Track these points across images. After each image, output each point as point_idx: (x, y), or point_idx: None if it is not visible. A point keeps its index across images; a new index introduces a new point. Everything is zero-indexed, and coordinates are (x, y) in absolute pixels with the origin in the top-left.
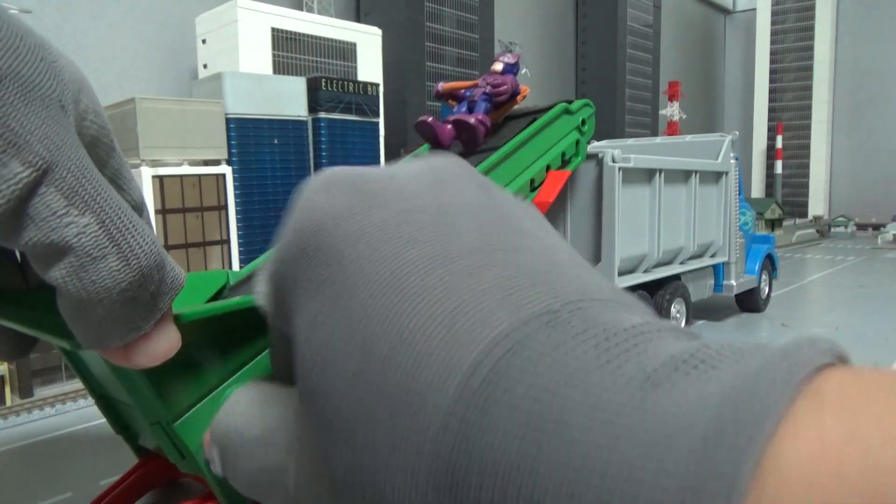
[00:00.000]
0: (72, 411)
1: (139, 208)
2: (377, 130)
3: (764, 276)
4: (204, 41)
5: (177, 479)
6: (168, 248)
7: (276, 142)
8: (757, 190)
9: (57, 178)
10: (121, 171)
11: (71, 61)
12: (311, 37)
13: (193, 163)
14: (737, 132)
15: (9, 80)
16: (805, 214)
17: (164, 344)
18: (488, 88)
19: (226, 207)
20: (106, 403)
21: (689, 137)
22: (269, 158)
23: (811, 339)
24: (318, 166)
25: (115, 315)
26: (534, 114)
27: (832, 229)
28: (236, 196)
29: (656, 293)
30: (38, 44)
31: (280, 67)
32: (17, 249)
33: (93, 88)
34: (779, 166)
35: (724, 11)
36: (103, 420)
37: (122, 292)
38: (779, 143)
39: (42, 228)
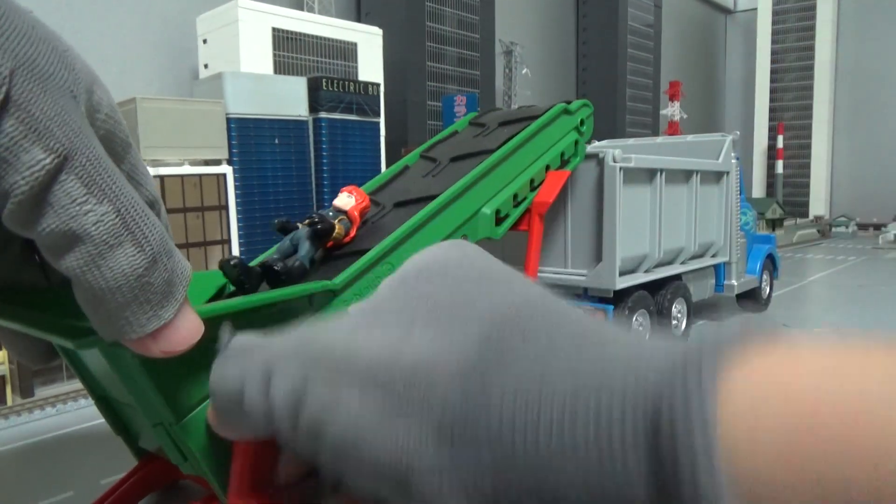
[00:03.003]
0: (72, 411)
1: (155, 204)
2: (378, 130)
3: (765, 276)
4: (205, 41)
5: (178, 481)
6: None
7: (276, 142)
8: (758, 190)
9: (76, 165)
10: (137, 167)
11: (79, 55)
12: (312, 37)
13: (194, 162)
14: (738, 132)
15: (26, 68)
16: (806, 214)
17: (188, 329)
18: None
19: (226, 207)
20: (105, 404)
21: (690, 137)
22: (269, 158)
23: (749, 322)
24: (318, 166)
25: (133, 302)
26: (529, 119)
27: (833, 229)
28: (237, 196)
29: (657, 293)
30: (49, 34)
31: (281, 67)
32: (31, 238)
33: (106, 86)
34: (780, 166)
35: (725, 11)
36: (104, 419)
37: (139, 278)
38: (780, 143)
39: (61, 216)
